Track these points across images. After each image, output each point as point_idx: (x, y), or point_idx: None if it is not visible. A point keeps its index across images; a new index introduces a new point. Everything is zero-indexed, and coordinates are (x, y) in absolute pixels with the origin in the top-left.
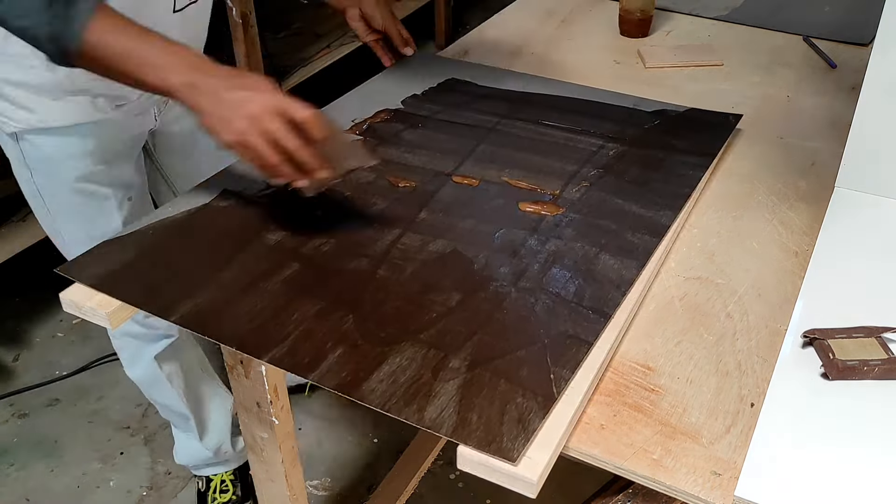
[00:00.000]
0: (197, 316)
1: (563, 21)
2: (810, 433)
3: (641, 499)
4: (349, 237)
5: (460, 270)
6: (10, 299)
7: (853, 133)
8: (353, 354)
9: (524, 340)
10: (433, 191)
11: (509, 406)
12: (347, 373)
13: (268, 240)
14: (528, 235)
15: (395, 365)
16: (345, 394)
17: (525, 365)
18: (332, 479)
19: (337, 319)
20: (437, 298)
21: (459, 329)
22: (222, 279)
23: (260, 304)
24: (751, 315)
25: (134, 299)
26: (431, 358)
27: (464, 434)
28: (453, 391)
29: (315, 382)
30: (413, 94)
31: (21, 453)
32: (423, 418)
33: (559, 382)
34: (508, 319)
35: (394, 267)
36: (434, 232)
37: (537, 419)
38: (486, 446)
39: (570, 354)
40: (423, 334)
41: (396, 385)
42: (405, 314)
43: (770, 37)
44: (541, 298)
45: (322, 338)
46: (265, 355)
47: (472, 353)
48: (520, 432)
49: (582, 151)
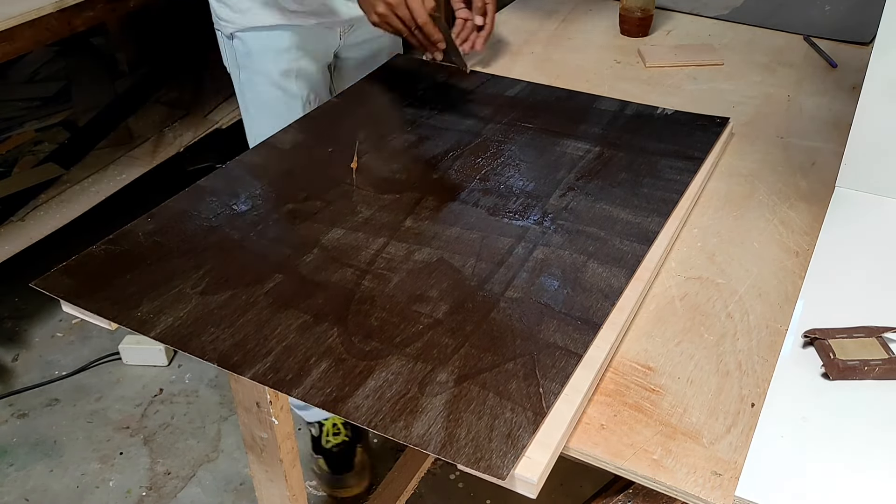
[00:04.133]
0: (177, 331)
1: (563, 21)
2: (811, 433)
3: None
4: (333, 247)
5: (447, 280)
6: (10, 299)
7: (854, 132)
8: (337, 369)
9: (512, 352)
10: (418, 198)
11: (498, 421)
12: (332, 389)
13: (249, 251)
14: (516, 243)
15: (381, 380)
16: (330, 411)
17: (514, 378)
18: None
19: (321, 333)
20: (423, 310)
21: (447, 341)
22: (202, 292)
23: (242, 317)
24: (751, 315)
25: (112, 314)
26: (418, 372)
27: (452, 451)
28: (441, 406)
29: (299, 399)
30: (398, 100)
31: (20, 453)
32: (411, 435)
33: (548, 397)
34: (496, 331)
35: (379, 277)
36: (420, 240)
37: (527, 435)
38: (475, 464)
39: (560, 367)
40: (409, 347)
41: (382, 401)
42: (391, 326)
43: (770, 36)
44: (529, 309)
45: (306, 353)
46: (248, 372)
47: (459, 367)
48: (509, 449)
49: (567, 156)
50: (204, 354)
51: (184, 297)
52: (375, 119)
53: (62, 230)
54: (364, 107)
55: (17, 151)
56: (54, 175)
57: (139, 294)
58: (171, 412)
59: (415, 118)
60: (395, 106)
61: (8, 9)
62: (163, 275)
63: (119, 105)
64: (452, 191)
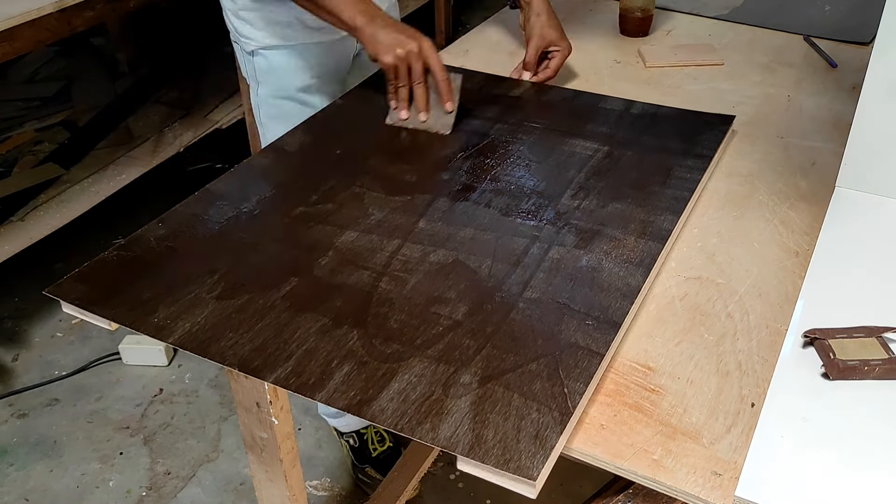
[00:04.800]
0: (195, 336)
1: (564, 21)
2: (811, 433)
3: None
4: (347, 249)
5: (464, 281)
6: (10, 299)
7: (854, 132)
8: (360, 372)
9: (534, 353)
10: (430, 199)
11: (524, 422)
12: (356, 392)
13: (263, 255)
14: (531, 243)
15: (405, 382)
16: (355, 414)
17: (537, 378)
18: (332, 479)
19: (341, 336)
20: (442, 311)
21: (468, 342)
22: (218, 297)
23: (260, 321)
24: (751, 315)
25: (128, 321)
26: (441, 374)
27: (481, 453)
28: (466, 408)
29: (323, 402)
30: None
31: (20, 453)
32: (438, 437)
33: (574, 396)
34: (517, 331)
35: (396, 279)
36: (434, 241)
37: (555, 435)
38: (505, 465)
39: (582, 367)
40: (430, 349)
41: (407, 403)
42: (411, 328)
43: (771, 36)
44: (548, 309)
45: (327, 356)
46: (269, 376)
47: (482, 368)
48: (538, 449)
49: (577, 156)
50: (224, 360)
51: (200, 302)
52: (381, 120)
53: (62, 230)
54: (370, 108)
55: (17, 151)
56: (54, 175)
57: (155, 300)
58: (171, 412)
59: None
60: None
61: (8, 9)
62: (177, 280)
63: (119, 105)
64: (464, 192)
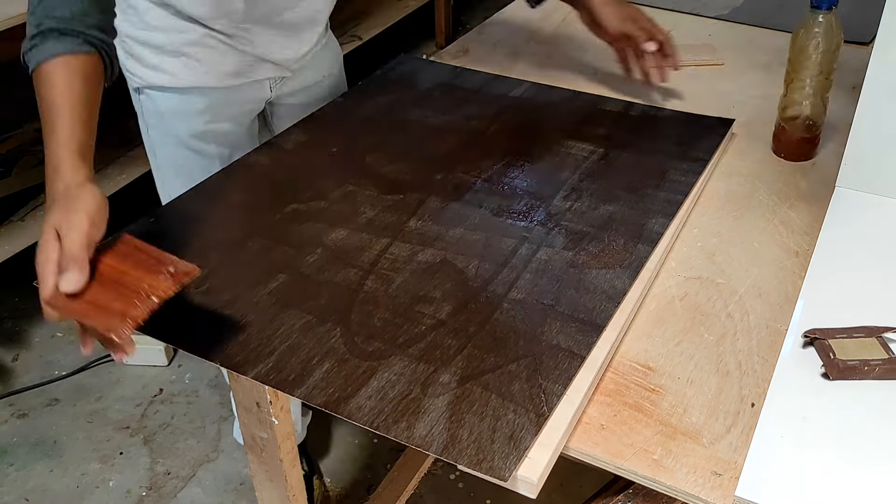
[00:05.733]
0: (179, 330)
1: (564, 21)
2: (811, 433)
3: (642, 499)
4: (336, 247)
5: (450, 281)
6: (9, 299)
7: (853, 133)
8: (340, 370)
9: (515, 354)
10: (422, 198)
11: (500, 423)
12: (335, 389)
13: (252, 251)
14: (519, 244)
15: (384, 380)
16: (332, 411)
17: (517, 379)
18: (332, 479)
19: (324, 333)
20: (426, 310)
21: (449, 342)
22: (206, 292)
23: (245, 317)
24: (751, 315)
25: None
26: (421, 373)
27: (454, 452)
28: (443, 407)
29: (302, 399)
30: (401, 100)
31: (20, 453)
32: (413, 436)
33: (551, 398)
34: (499, 332)
35: (382, 278)
36: (423, 241)
37: (529, 436)
38: (478, 465)
39: (562, 369)
40: (412, 348)
41: (385, 401)
42: (394, 327)
43: (771, 36)
44: (532, 310)
45: (308, 353)
46: (250, 371)
47: (462, 368)
48: (511, 450)
49: (572, 157)
50: (207, 354)
51: (188, 297)
52: (378, 119)
53: None
54: (367, 107)
55: (17, 151)
56: None
57: None
58: (171, 412)
59: (418, 118)
60: (398, 106)
61: (8, 9)
62: None
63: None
64: (456, 191)
